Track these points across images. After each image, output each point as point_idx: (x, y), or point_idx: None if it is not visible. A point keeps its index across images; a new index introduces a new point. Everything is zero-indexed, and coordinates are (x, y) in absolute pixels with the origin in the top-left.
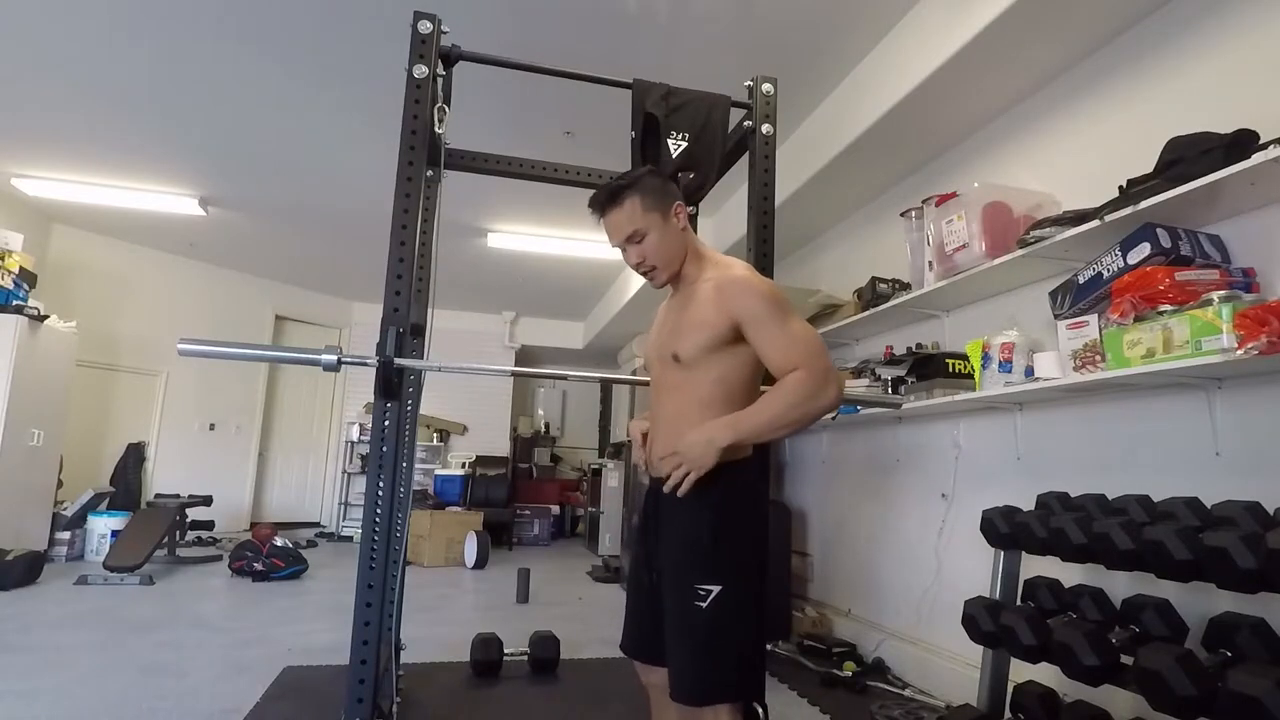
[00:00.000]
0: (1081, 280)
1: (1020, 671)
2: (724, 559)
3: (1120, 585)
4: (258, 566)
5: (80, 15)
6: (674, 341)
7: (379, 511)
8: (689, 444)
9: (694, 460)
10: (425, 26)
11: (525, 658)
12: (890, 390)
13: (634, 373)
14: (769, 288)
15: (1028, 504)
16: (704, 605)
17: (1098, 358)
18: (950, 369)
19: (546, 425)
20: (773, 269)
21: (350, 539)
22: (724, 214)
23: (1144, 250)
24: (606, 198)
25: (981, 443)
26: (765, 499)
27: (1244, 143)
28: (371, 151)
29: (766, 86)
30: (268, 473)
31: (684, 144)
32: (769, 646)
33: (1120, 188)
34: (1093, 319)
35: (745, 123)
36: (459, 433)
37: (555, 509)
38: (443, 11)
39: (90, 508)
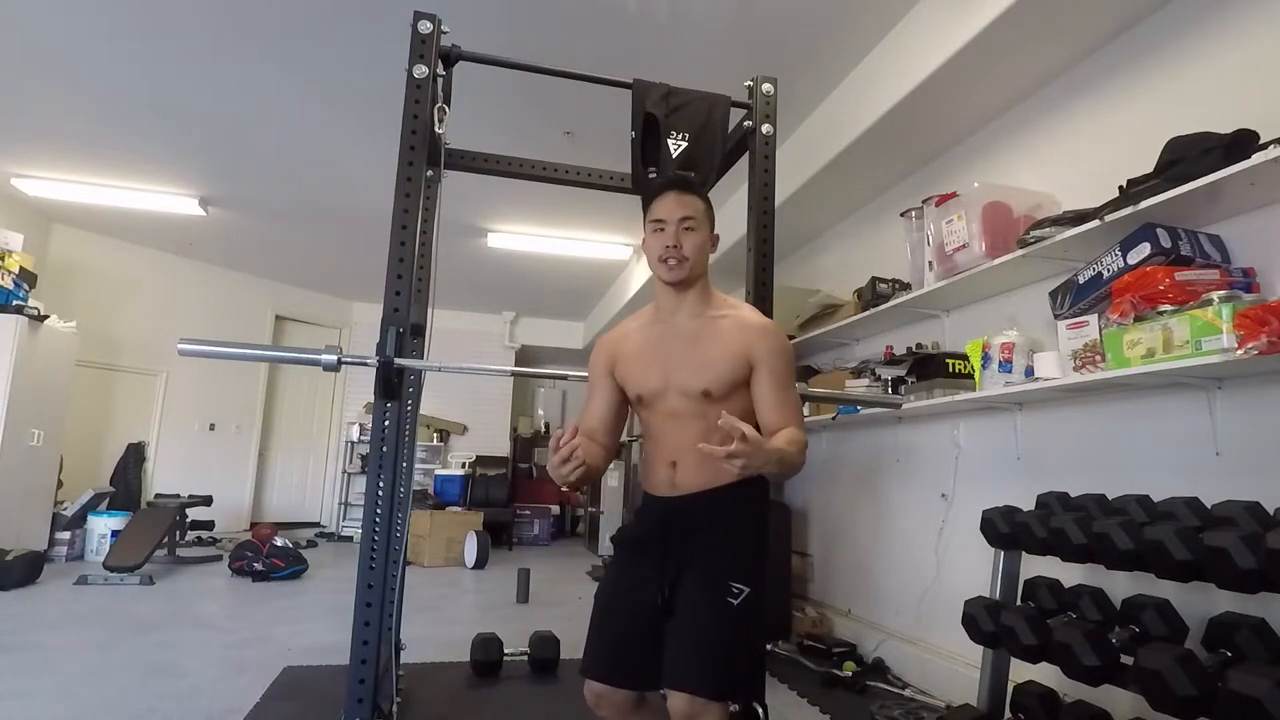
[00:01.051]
0: (1081, 280)
1: (1020, 671)
2: (755, 565)
3: (1120, 585)
4: (258, 566)
5: (80, 15)
6: (700, 377)
7: (379, 511)
8: (760, 451)
9: (754, 463)
10: (425, 26)
11: (525, 658)
12: (890, 390)
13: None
14: (788, 345)
15: (1028, 504)
16: (735, 602)
17: (1098, 358)
18: (950, 369)
19: (546, 425)
20: (773, 269)
21: (350, 539)
22: (724, 214)
23: (1144, 250)
24: (682, 183)
25: (981, 443)
26: None
27: (1244, 143)
28: (371, 151)
29: (766, 86)
30: (268, 473)
31: (684, 144)
32: (769, 646)
33: (1120, 188)
34: (1093, 319)
35: (745, 123)
36: (459, 433)
37: (555, 509)
38: (443, 11)
39: (90, 508)
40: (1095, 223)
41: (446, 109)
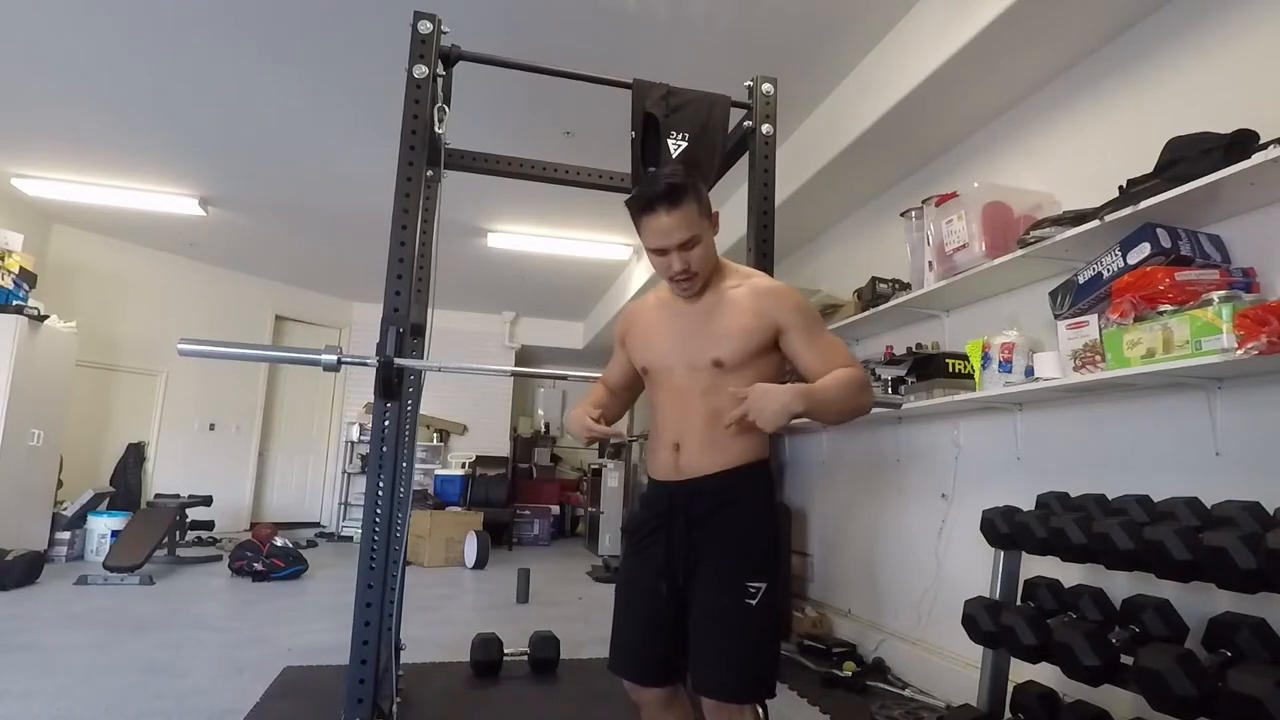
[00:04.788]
0: (1081, 280)
1: (1020, 671)
2: (770, 556)
3: (1120, 585)
4: (258, 566)
5: (80, 15)
6: (713, 347)
7: (379, 511)
8: (763, 404)
9: (766, 418)
10: (425, 26)
11: (525, 658)
12: (890, 390)
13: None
14: (806, 300)
15: (1028, 504)
16: (754, 602)
17: (1098, 358)
18: (950, 369)
19: (546, 425)
20: (773, 269)
21: (350, 539)
22: (724, 214)
23: (1144, 250)
24: (667, 197)
25: (981, 443)
26: None
27: (1244, 143)
28: (371, 151)
29: (766, 86)
30: (268, 473)
31: (684, 144)
32: None
33: (1120, 188)
34: (1093, 319)
35: (745, 123)
36: (459, 433)
37: (555, 509)
38: (443, 11)
39: (90, 508)
40: (1095, 223)
41: (446, 109)
